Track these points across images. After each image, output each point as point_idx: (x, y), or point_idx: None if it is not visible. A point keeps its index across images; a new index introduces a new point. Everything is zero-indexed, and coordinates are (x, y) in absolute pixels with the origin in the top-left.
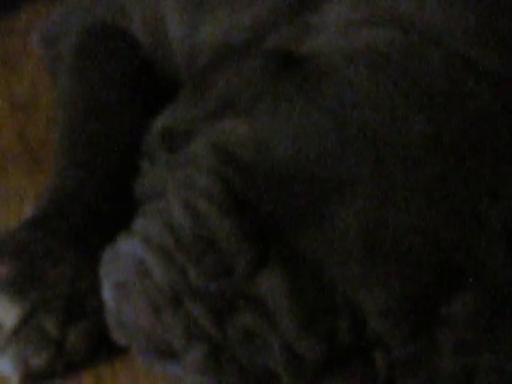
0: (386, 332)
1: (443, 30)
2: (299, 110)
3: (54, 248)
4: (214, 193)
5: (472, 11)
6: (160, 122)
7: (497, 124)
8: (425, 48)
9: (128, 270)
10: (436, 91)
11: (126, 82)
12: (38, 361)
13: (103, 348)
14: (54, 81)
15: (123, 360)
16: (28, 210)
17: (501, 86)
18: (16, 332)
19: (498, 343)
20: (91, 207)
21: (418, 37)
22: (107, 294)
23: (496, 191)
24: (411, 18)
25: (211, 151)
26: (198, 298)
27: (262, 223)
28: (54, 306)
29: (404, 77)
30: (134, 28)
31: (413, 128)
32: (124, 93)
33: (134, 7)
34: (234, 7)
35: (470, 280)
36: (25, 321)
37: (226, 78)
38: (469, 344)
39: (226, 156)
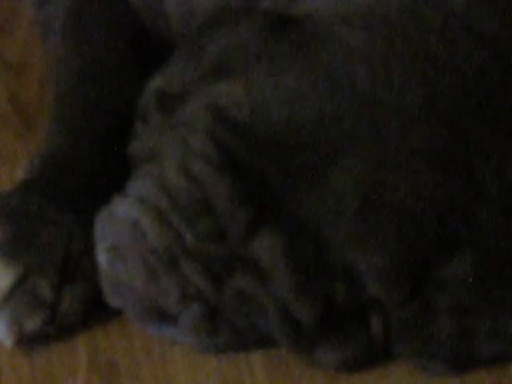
0: (382, 294)
1: None
2: (296, 72)
3: (47, 211)
4: (209, 154)
5: None
6: (154, 84)
7: (493, 87)
8: (422, 10)
9: (122, 233)
10: (433, 53)
11: (119, 44)
12: (31, 324)
13: (97, 311)
14: (46, 42)
15: (117, 323)
16: (21, 174)
17: (499, 48)
18: (9, 295)
19: (497, 305)
20: (85, 170)
21: None
22: (101, 256)
23: (492, 154)
24: None
25: (206, 113)
26: (194, 259)
27: (258, 185)
28: (47, 269)
29: (401, 39)
30: None
31: (409, 90)
32: (118, 55)
33: None
34: None
35: (467, 242)
36: (18, 284)
37: (222, 39)
38: (467, 306)
39: (222, 118)
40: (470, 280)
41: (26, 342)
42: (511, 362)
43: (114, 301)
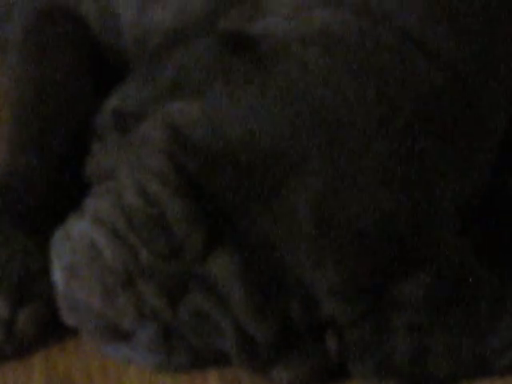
0: (337, 312)
1: (395, 12)
2: (252, 91)
3: (4, 229)
4: (165, 174)
5: None
6: (111, 103)
7: (450, 106)
8: (377, 30)
9: (79, 251)
10: (389, 72)
11: (75, 64)
12: None
13: (54, 330)
14: (3, 63)
15: (73, 342)
16: None
17: (455, 67)
18: None
19: (450, 324)
20: (42, 189)
21: (370, 19)
22: (58, 275)
23: (448, 172)
24: (362, 0)
25: (163, 132)
26: (150, 278)
27: (214, 204)
28: (4, 287)
29: (357, 58)
30: (84, 9)
31: (364, 108)
32: (75, 75)
33: None
34: None
35: (423, 261)
36: None
37: (177, 59)
38: (421, 325)
39: (178, 137)
40: (425, 300)
41: None
42: (464, 381)
43: (70, 320)
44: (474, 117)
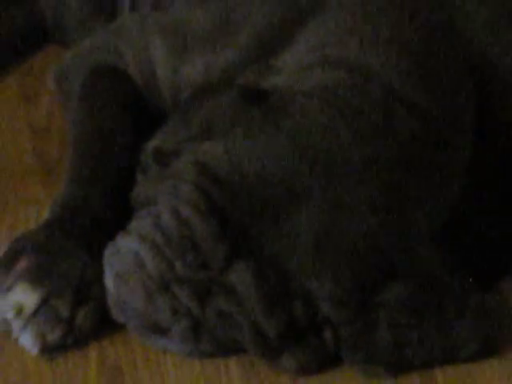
0: (332, 313)
1: (381, 70)
2: (265, 135)
3: (66, 245)
4: (195, 201)
5: (404, 56)
6: (152, 143)
7: (421, 147)
8: (365, 86)
9: (126, 262)
10: (374, 122)
11: (124, 112)
12: (52, 336)
13: (106, 325)
14: (65, 111)
15: (122, 335)
16: (44, 215)
17: (429, 118)
18: (35, 313)
19: (424, 321)
20: (95, 212)
21: (359, 76)
22: (109, 281)
23: (422, 201)
24: (354, 60)
25: (193, 167)
26: (182, 284)
27: (233, 226)
28: (65, 292)
29: (348, 110)
30: (130, 70)
31: (355, 151)
32: (122, 120)
33: (129, 52)
34: (208, 53)
35: (403, 271)
36: (42, 304)
37: (206, 108)
38: (401, 322)
39: (205, 171)
40: (403, 303)
41: (48, 350)
42: (437, 365)
43: (119, 317)
44: (442, 154)
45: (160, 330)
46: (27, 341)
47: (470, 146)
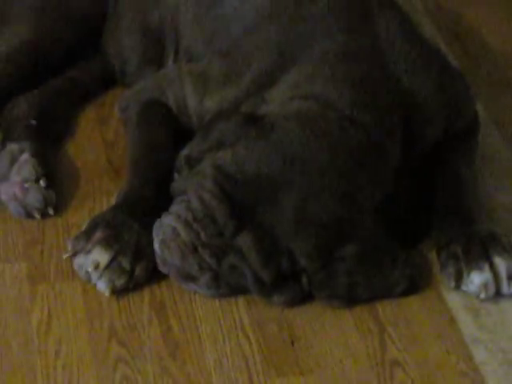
0: (307, 266)
1: (337, 101)
2: (259, 146)
3: (127, 222)
4: (213, 191)
5: (353, 90)
6: (184, 152)
7: (365, 150)
8: (326, 112)
9: (167, 233)
10: (333, 135)
11: (167, 132)
12: (119, 283)
13: (155, 276)
14: (126, 130)
15: (165, 282)
16: (112, 202)
17: (370, 132)
18: (107, 267)
19: (369, 270)
20: (148, 199)
21: (322, 105)
22: (156, 246)
23: (365, 186)
24: (320, 95)
25: (211, 168)
26: (206, 247)
27: (240, 208)
28: (127, 253)
29: (316, 128)
30: (170, 103)
31: (320, 156)
32: (166, 138)
33: (169, 91)
34: (221, 91)
35: (353, 237)
36: (111, 261)
37: (219, 128)
38: (354, 271)
39: (220, 171)
40: (355, 257)
41: (117, 291)
42: (378, 300)
43: (163, 269)
44: (380, 155)
45: (191, 279)
46: (102, 286)
47: (399, 150)
